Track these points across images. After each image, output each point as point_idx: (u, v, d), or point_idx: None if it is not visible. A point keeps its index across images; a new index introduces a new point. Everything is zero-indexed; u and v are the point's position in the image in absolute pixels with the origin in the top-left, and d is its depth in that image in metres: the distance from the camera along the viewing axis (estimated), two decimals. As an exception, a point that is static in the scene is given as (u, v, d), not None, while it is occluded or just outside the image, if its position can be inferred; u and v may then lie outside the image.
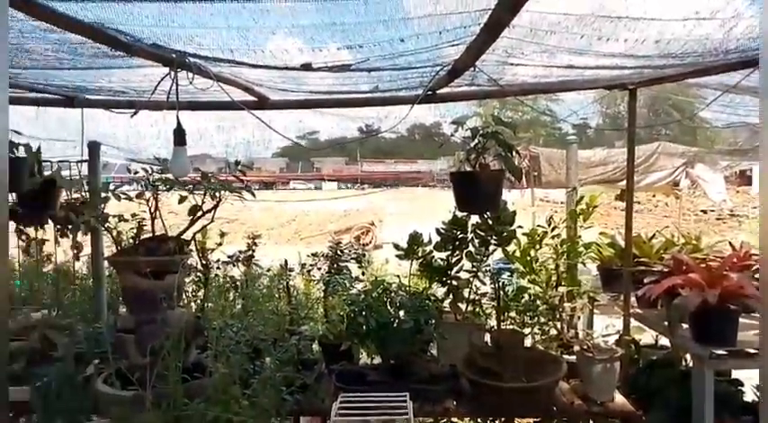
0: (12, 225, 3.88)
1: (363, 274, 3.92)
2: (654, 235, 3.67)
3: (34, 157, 3.10)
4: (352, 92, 3.40)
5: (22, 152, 3.03)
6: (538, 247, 3.61)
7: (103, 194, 2.78)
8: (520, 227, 3.45)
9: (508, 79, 3.05)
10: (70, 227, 3.76)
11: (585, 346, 3.08)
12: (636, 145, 3.50)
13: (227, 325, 2.83)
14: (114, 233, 3.12)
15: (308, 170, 37.07)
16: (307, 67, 2.30)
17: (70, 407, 2.67)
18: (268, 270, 3.69)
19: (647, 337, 3.94)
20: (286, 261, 3.68)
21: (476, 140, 2.48)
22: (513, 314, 3.39)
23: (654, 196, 17.89)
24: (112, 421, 2.19)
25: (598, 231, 4.09)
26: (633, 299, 3.34)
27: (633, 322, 3.44)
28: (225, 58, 2.21)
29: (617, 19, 2.10)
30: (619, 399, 3.03)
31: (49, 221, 3.79)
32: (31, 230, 3.93)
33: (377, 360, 3.44)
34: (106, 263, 3.67)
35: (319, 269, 3.73)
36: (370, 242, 16.35)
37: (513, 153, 2.45)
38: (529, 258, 3.60)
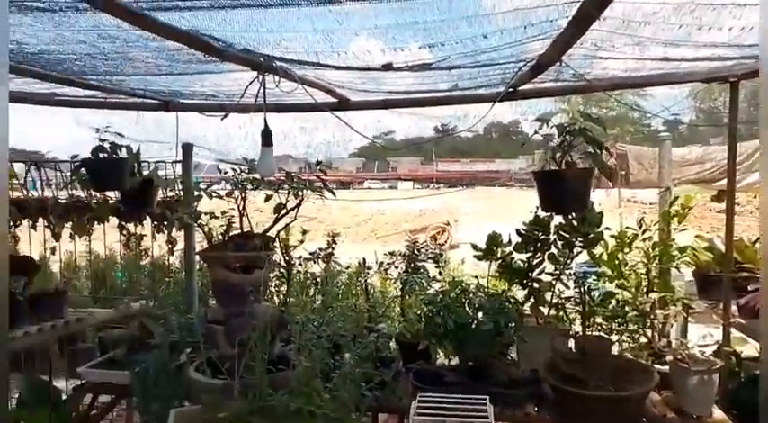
0: (114, 221, 4.21)
1: (440, 273, 3.90)
2: (758, 239, 3.38)
3: (134, 158, 3.34)
4: (431, 91, 3.39)
5: (123, 153, 3.27)
6: (627, 250, 3.42)
7: (196, 193, 2.93)
8: (607, 228, 3.29)
9: (596, 74, 2.92)
10: (166, 223, 4.03)
11: (680, 356, 2.89)
12: (737, 142, 3.24)
13: (308, 320, 2.91)
14: (206, 229, 3.31)
15: (383, 170, 37.43)
16: (388, 67, 2.32)
17: (166, 392, 2.84)
18: (347, 268, 3.76)
19: (749, 348, 3.63)
20: (364, 259, 3.74)
21: (562, 137, 2.38)
22: (599, 320, 3.24)
23: (755, 197, 16.47)
24: (204, 407, 2.31)
25: (693, 234, 3.83)
26: (734, 307, 3.09)
27: (734, 332, 3.18)
28: (310, 60, 2.27)
29: (721, 6, 1.95)
30: (717, 413, 2.81)
31: (147, 218, 4.08)
32: (131, 226, 4.23)
33: (454, 361, 3.41)
34: (198, 257, 3.88)
35: (396, 267, 3.75)
36: (446, 242, 16.25)
37: (603, 151, 2.34)
38: (617, 262, 3.43)
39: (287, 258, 3.82)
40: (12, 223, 4.12)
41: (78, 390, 3.44)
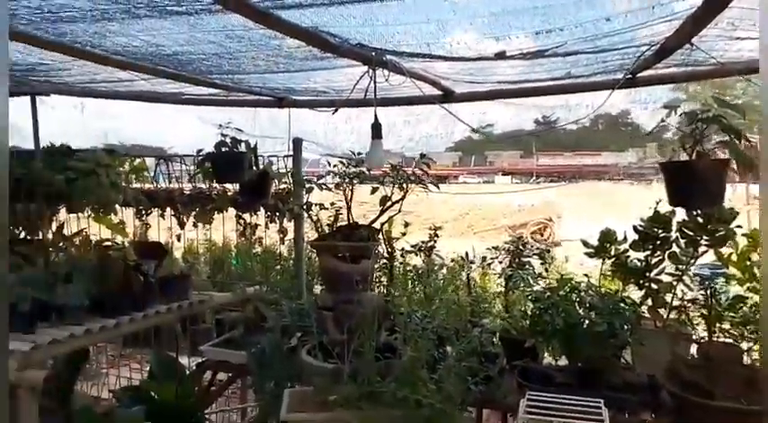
0: (231, 211, 4.51)
1: (546, 270, 3.77)
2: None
3: (252, 152, 3.55)
4: (540, 80, 3.27)
5: (242, 148, 3.49)
6: (760, 250, 3.09)
7: (308, 185, 3.06)
8: (739, 226, 2.99)
9: (730, 56, 2.66)
10: (278, 214, 4.25)
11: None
12: None
13: (412, 311, 2.94)
14: (314, 220, 3.45)
15: (480, 164, 36.78)
16: (501, 55, 2.27)
17: (279, 373, 3.00)
18: (452, 261, 3.75)
19: None
20: (467, 253, 3.70)
21: (693, 126, 2.19)
22: (726, 326, 2.97)
23: None
24: (315, 389, 2.41)
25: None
26: None
27: None
28: (421, 52, 2.28)
29: None
30: None
31: (261, 209, 4.33)
32: (246, 217, 4.50)
33: (561, 361, 3.28)
34: (308, 246, 4.05)
35: (500, 263, 3.68)
36: (548, 239, 15.68)
37: (741, 140, 2.12)
38: (749, 263, 3.11)
39: (389, 250, 3.88)
40: (144, 212, 4.56)
41: (200, 366, 3.73)
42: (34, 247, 3.61)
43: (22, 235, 3.79)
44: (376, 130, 2.48)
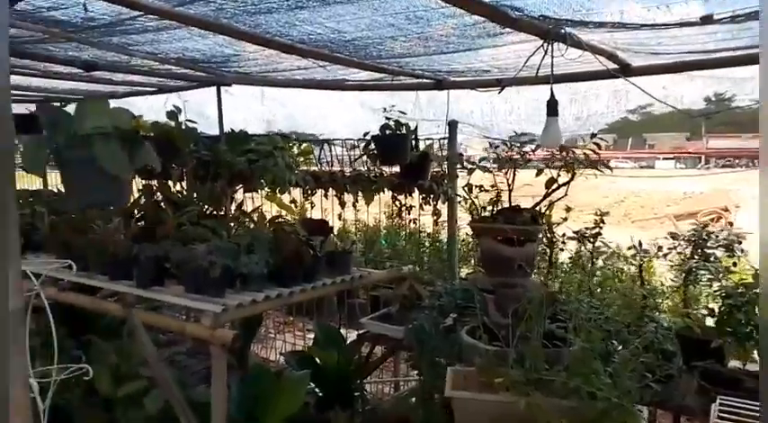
0: (387, 193, 4.66)
1: (735, 264, 3.34)
2: None
3: (412, 134, 3.61)
4: (736, 48, 2.86)
5: (403, 130, 3.57)
6: None
7: (469, 166, 3.04)
8: None
9: None
10: (432, 196, 4.30)
11: None
12: None
13: (578, 300, 2.80)
14: (468, 203, 3.42)
15: (639, 147, 33.73)
16: (707, 19, 2.01)
17: (437, 351, 3.05)
18: (624, 250, 3.49)
19: None
20: (640, 242, 3.41)
21: None
22: None
23: None
24: (479, 370, 2.40)
25: None
26: None
27: None
28: (611, 20, 2.11)
29: None
30: None
31: (415, 190, 4.42)
32: (401, 198, 4.62)
33: (750, 366, 2.90)
34: (469, 228, 4.03)
35: (680, 254, 3.34)
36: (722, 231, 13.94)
37: None
38: None
39: (549, 235, 3.72)
40: (309, 191, 4.91)
41: (360, 338, 3.94)
42: (218, 222, 4.07)
43: (208, 211, 4.30)
44: (552, 107, 2.36)
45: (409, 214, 4.55)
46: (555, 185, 2.96)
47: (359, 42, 2.64)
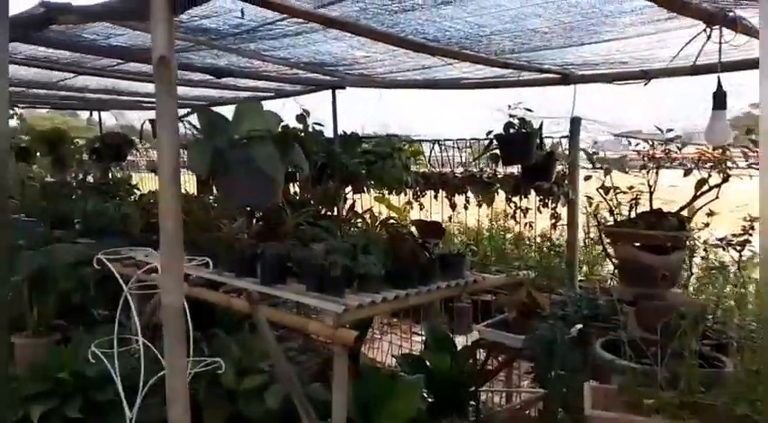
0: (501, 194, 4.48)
1: None
2: None
3: (537, 132, 3.43)
4: None
5: (529, 128, 3.39)
6: None
7: (606, 166, 2.82)
8: None
9: None
10: (550, 197, 4.07)
11: None
12: None
13: (735, 316, 2.50)
14: (593, 207, 3.19)
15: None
16: None
17: (567, 363, 2.85)
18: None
19: None
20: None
21: None
22: None
23: None
24: (622, 389, 2.20)
25: None
26: None
27: None
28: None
29: None
30: None
31: (532, 192, 4.21)
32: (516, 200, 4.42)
33: None
34: (603, 234, 3.78)
35: None
36: None
37: None
38: None
39: (691, 242, 3.38)
40: (419, 192, 4.86)
41: (475, 344, 3.82)
42: (332, 222, 4.13)
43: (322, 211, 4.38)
44: (719, 99, 2.10)
45: (525, 217, 4.34)
46: (705, 187, 2.67)
47: (495, 37, 2.51)
